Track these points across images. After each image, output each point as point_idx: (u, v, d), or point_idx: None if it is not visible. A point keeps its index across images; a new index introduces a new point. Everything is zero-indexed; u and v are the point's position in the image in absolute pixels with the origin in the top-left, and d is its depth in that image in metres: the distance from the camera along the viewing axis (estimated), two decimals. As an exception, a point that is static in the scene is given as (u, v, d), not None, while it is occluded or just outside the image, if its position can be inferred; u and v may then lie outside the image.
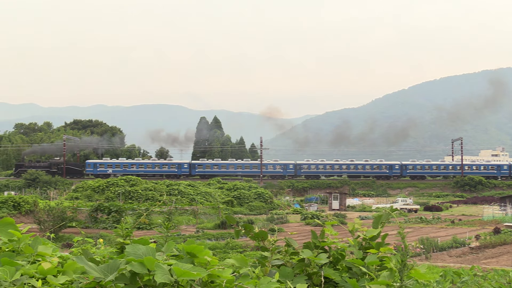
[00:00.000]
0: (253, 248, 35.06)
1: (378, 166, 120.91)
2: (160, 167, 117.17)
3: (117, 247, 3.93)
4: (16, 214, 54.91)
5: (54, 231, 35.44)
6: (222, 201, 74.56)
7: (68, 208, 53.36)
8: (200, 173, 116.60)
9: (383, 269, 3.48)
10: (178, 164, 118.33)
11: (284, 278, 3.47)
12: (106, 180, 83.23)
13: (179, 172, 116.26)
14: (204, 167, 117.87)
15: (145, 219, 23.91)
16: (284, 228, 45.30)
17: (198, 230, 50.16)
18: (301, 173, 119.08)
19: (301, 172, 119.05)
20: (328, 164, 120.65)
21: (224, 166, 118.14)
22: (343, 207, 78.87)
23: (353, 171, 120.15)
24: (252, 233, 3.80)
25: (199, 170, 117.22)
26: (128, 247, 3.15)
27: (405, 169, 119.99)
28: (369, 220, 51.77)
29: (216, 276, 3.14)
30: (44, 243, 3.57)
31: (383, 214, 3.86)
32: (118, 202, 65.95)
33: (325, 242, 3.77)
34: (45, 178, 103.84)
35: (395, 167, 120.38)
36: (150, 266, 2.98)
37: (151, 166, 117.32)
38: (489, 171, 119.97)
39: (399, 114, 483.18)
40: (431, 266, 28.12)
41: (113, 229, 4.30)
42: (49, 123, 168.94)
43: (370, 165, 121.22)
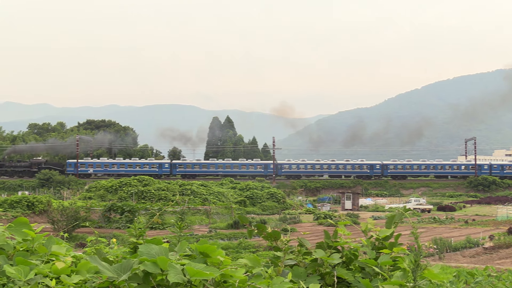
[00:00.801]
0: (266, 248, 35.06)
1: (359, 166, 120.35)
2: (141, 167, 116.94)
3: (130, 246, 3.94)
4: (30, 214, 55.20)
5: (68, 231, 35.60)
6: (235, 201, 74.58)
7: (82, 208, 53.61)
8: (181, 173, 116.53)
9: (396, 269, 3.47)
10: (159, 164, 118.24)
11: (297, 278, 3.47)
12: (119, 180, 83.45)
13: (160, 172, 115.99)
14: (185, 167, 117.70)
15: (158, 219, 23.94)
16: (297, 228, 45.15)
17: (211, 230, 50.22)
18: (282, 173, 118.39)
19: (281, 172, 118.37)
20: (309, 164, 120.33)
21: (205, 166, 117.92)
22: (356, 207, 78.69)
23: (334, 170, 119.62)
24: (265, 233, 3.80)
25: (180, 170, 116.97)
26: (141, 247, 3.16)
27: (386, 169, 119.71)
28: (382, 220, 51.63)
29: (229, 276, 3.14)
30: (58, 242, 3.58)
31: (396, 214, 3.85)
32: (131, 202, 66.14)
33: (338, 242, 3.76)
34: (59, 178, 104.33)
35: (376, 167, 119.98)
36: (163, 266, 2.98)
37: (132, 165, 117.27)
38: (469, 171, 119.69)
39: (413, 114, 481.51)
40: (444, 267, 28.01)
41: (126, 229, 4.31)
42: (62, 123, 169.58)
43: (351, 164, 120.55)
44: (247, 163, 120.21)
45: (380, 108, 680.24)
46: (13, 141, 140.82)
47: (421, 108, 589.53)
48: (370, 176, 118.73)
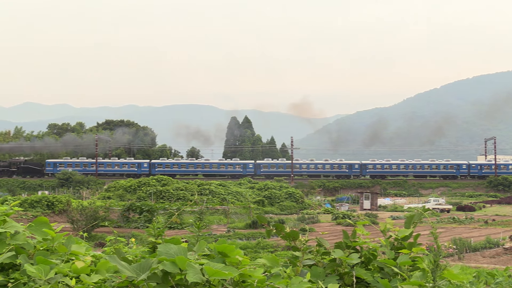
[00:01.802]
0: (284, 248, 35.02)
1: (338, 166, 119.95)
2: (120, 166, 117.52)
3: (149, 246, 3.95)
4: (50, 214, 55.54)
5: (87, 230, 35.80)
6: (253, 201, 74.60)
7: (101, 208, 53.83)
8: (160, 173, 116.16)
9: (416, 270, 3.45)
10: (138, 164, 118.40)
11: (316, 278, 3.46)
12: (138, 180, 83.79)
13: (138, 172, 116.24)
14: (164, 167, 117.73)
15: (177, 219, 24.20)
16: (315, 228, 45.23)
17: (229, 230, 50.24)
18: (261, 172, 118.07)
19: (260, 172, 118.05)
20: (287, 164, 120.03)
21: (184, 166, 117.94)
22: (374, 207, 78.39)
23: (313, 170, 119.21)
24: (283, 232, 3.80)
25: (159, 170, 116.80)
26: (160, 246, 3.17)
27: (365, 169, 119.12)
28: (400, 220, 51.43)
29: (247, 275, 3.14)
30: (78, 242, 3.61)
31: (415, 214, 3.83)
32: (149, 201, 66.36)
33: (357, 242, 3.75)
34: (78, 177, 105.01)
35: (354, 166, 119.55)
36: (182, 266, 2.99)
37: (111, 165, 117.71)
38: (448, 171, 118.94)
39: (432, 114, 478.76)
40: (464, 267, 27.84)
41: (145, 228, 4.33)
42: (81, 123, 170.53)
43: (330, 164, 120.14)
44: (226, 163, 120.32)
45: (399, 108, 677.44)
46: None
47: (440, 107, 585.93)
48: (348, 176, 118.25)
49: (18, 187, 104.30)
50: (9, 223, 3.48)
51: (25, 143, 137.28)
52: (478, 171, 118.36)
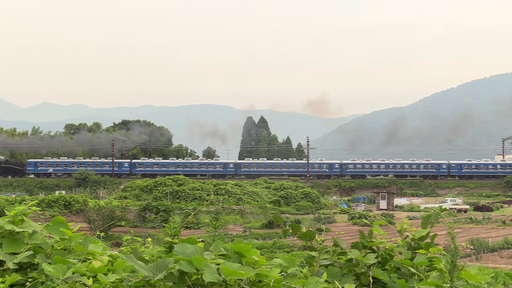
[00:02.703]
0: (300, 248, 34.98)
1: (318, 165, 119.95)
2: (101, 166, 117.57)
3: (166, 246, 3.96)
4: (67, 213, 55.81)
5: (104, 230, 35.96)
6: (269, 201, 74.55)
7: (117, 208, 53.99)
8: (141, 172, 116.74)
9: (433, 270, 3.44)
10: (119, 163, 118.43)
11: (332, 278, 3.46)
12: (154, 180, 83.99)
13: (119, 171, 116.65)
14: (144, 166, 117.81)
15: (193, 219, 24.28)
16: (331, 228, 45.15)
17: (245, 230, 50.22)
18: (241, 172, 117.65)
19: (241, 172, 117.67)
20: (267, 164, 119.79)
21: (164, 165, 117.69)
22: (390, 207, 78.09)
23: (293, 170, 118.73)
24: (299, 232, 3.80)
25: (140, 169, 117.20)
26: (177, 246, 3.18)
27: (345, 169, 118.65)
28: (417, 220, 51.13)
29: (263, 275, 3.14)
30: (95, 241, 3.62)
31: (432, 214, 3.82)
32: (166, 201, 66.51)
33: (373, 242, 3.74)
34: (95, 177, 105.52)
35: (335, 166, 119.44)
36: (199, 265, 3.00)
37: (92, 165, 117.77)
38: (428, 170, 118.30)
39: (449, 113, 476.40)
40: (481, 267, 27.65)
41: (161, 228, 4.34)
42: (98, 123, 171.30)
43: (310, 164, 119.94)
44: (207, 163, 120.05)
45: (415, 107, 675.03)
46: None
47: (457, 107, 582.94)
48: (329, 175, 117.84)
49: (35, 187, 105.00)
50: (27, 223, 3.50)
51: (37, 143, 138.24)
52: (458, 171, 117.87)
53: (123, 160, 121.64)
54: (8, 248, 3.30)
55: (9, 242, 3.35)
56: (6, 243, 3.33)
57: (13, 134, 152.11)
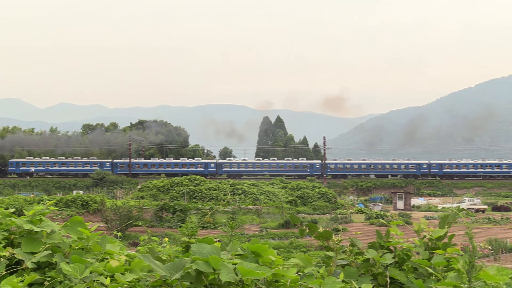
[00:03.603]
0: (317, 248, 34.92)
1: (299, 165, 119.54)
2: (82, 166, 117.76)
3: (183, 246, 3.97)
4: (85, 213, 56.14)
5: (121, 230, 36.07)
6: (286, 201, 74.50)
7: (134, 207, 54.28)
8: (123, 172, 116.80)
9: (450, 270, 3.42)
10: (100, 163, 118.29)
11: (349, 278, 3.45)
12: (171, 179, 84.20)
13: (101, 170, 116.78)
14: (126, 166, 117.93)
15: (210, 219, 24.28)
16: (348, 228, 45.00)
17: (262, 230, 50.24)
18: (223, 172, 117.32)
19: (222, 172, 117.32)
20: (248, 163, 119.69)
21: (146, 165, 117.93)
22: (408, 207, 77.75)
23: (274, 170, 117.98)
24: (316, 232, 3.80)
25: (121, 169, 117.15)
26: (194, 246, 3.19)
27: (327, 168, 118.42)
28: (435, 220, 50.84)
29: (280, 275, 3.14)
30: (112, 241, 3.64)
31: (450, 214, 3.80)
32: (182, 201, 66.71)
33: (391, 242, 3.73)
34: (112, 177, 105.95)
35: (316, 165, 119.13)
36: (215, 265, 3.00)
37: (74, 165, 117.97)
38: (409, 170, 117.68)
39: (466, 113, 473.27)
40: (500, 268, 27.46)
41: (178, 228, 4.36)
42: (115, 123, 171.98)
43: (291, 164, 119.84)
44: (188, 162, 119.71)
45: (432, 107, 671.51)
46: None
47: (475, 106, 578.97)
48: (311, 175, 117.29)
49: (53, 187, 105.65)
50: (45, 222, 3.53)
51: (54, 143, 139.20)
52: (439, 170, 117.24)
53: (105, 160, 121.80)
54: (26, 248, 3.32)
55: (28, 241, 3.37)
56: (25, 243, 3.35)
57: (31, 134, 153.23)
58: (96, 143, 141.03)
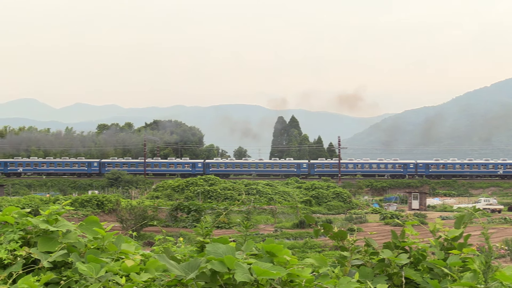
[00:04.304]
0: (332, 248, 34.87)
1: (286, 165, 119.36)
2: (70, 166, 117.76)
3: (197, 245, 3.98)
4: (100, 213, 56.32)
5: (136, 230, 36.21)
6: (300, 201, 74.38)
7: (149, 207, 54.39)
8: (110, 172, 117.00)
9: (466, 271, 3.41)
10: (88, 163, 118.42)
11: (364, 278, 3.45)
12: (186, 179, 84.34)
13: (89, 171, 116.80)
14: (113, 166, 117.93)
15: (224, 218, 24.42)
16: (363, 227, 44.86)
17: (277, 230, 50.20)
18: (210, 172, 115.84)
19: (209, 171, 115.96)
20: (236, 163, 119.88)
21: (133, 165, 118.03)
22: (423, 207, 77.42)
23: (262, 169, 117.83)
24: (331, 232, 3.79)
25: (109, 169, 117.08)
26: (208, 246, 3.20)
27: (313, 168, 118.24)
28: (450, 220, 50.59)
29: (295, 275, 3.14)
30: (127, 241, 3.65)
31: (466, 214, 3.78)
32: (197, 201, 66.78)
33: (406, 242, 3.72)
34: (127, 177, 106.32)
35: (302, 165, 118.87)
36: (230, 265, 3.01)
37: (61, 164, 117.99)
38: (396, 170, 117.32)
39: (482, 112, 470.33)
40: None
41: (193, 228, 4.37)
42: (130, 123, 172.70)
43: (278, 164, 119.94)
44: (175, 162, 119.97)
45: (448, 106, 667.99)
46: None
47: (491, 106, 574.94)
48: (298, 175, 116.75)
49: (69, 187, 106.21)
50: (61, 222, 3.55)
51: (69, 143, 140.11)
52: (425, 170, 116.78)
53: (92, 160, 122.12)
54: (42, 247, 3.34)
55: (44, 241, 3.39)
56: (41, 242, 3.37)
57: (47, 134, 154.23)
58: (111, 143, 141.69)
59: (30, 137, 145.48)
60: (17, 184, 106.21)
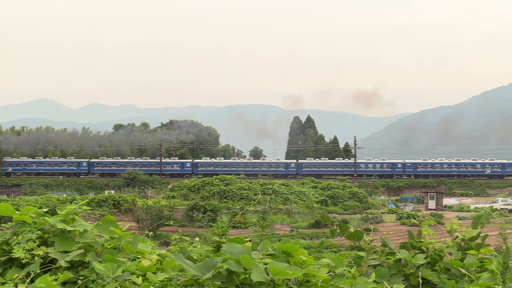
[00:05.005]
0: (348, 248, 34.82)
1: (275, 164, 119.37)
2: (60, 165, 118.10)
3: (214, 245, 3.99)
4: (116, 212, 56.57)
5: (152, 229, 36.32)
6: (316, 201, 74.29)
7: (165, 207, 54.53)
8: (99, 171, 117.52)
9: (484, 271, 3.39)
10: (77, 163, 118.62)
11: (381, 278, 3.43)
12: (202, 179, 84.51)
13: (78, 170, 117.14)
14: (102, 166, 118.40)
15: (240, 218, 24.47)
16: (379, 228, 44.77)
17: (292, 229, 50.19)
18: (198, 171, 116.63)
19: (198, 171, 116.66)
20: (224, 163, 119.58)
21: (122, 165, 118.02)
22: (439, 207, 77.02)
23: (250, 169, 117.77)
24: (347, 232, 3.78)
25: (98, 168, 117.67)
26: (225, 245, 3.20)
27: (301, 168, 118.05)
28: (467, 221, 50.31)
29: (311, 275, 3.14)
30: (144, 241, 3.66)
31: (483, 214, 3.76)
32: (213, 201, 66.90)
33: (422, 242, 3.70)
34: (143, 177, 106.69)
35: (291, 165, 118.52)
36: (246, 265, 3.01)
37: (51, 164, 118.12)
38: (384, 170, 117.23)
39: (499, 112, 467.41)
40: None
41: (209, 227, 4.38)
42: (146, 123, 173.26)
43: (267, 163, 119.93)
44: (164, 162, 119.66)
45: (465, 106, 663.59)
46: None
47: (509, 105, 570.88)
48: (285, 174, 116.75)
49: (85, 187, 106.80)
50: (78, 222, 3.56)
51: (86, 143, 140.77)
52: (413, 170, 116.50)
53: (82, 160, 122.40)
54: (60, 247, 3.36)
55: (61, 240, 3.41)
56: (58, 242, 3.39)
57: (64, 134, 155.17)
58: (127, 143, 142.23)
59: (47, 137, 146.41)
60: (34, 184, 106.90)
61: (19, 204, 47.60)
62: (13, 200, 55.18)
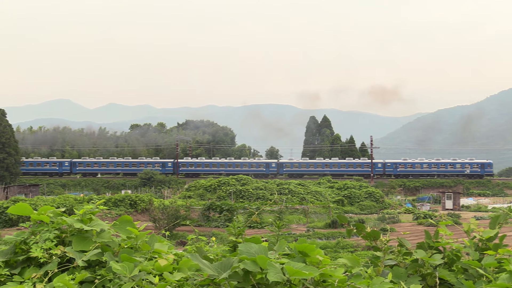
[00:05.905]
0: (365, 248, 34.70)
1: (256, 164, 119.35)
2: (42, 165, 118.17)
3: (230, 245, 3.99)
4: (133, 212, 56.77)
5: (169, 229, 36.40)
6: (333, 200, 74.17)
7: (182, 207, 54.63)
8: (81, 171, 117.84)
9: (502, 272, 3.37)
10: (59, 162, 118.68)
11: (397, 278, 3.42)
12: (218, 179, 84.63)
13: (60, 170, 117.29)
14: (84, 166, 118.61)
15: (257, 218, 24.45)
16: (396, 228, 44.58)
17: (309, 229, 50.11)
18: (180, 171, 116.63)
19: (179, 171, 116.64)
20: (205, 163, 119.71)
21: (104, 164, 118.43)
22: (457, 207, 76.61)
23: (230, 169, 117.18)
24: (364, 232, 3.77)
25: (80, 168, 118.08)
26: (241, 245, 3.20)
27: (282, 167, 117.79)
28: (485, 221, 49.99)
29: (328, 275, 3.13)
30: (160, 240, 3.68)
31: (501, 215, 3.74)
32: (229, 201, 66.94)
33: (440, 242, 3.69)
34: (160, 177, 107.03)
35: (271, 165, 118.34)
36: (263, 265, 3.01)
37: (33, 164, 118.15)
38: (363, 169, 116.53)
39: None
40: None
41: (225, 227, 4.39)
42: (162, 123, 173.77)
43: (248, 163, 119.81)
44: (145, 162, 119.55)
45: (482, 105, 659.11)
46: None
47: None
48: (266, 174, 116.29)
49: (102, 186, 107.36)
50: (95, 221, 3.58)
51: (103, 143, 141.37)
52: (393, 170, 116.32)
53: (64, 160, 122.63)
54: (77, 246, 3.38)
55: (78, 240, 3.43)
56: (75, 241, 3.41)
57: (81, 134, 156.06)
58: (143, 143, 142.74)
59: (64, 137, 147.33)
60: (52, 184, 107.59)
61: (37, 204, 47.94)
62: (31, 200, 55.52)
